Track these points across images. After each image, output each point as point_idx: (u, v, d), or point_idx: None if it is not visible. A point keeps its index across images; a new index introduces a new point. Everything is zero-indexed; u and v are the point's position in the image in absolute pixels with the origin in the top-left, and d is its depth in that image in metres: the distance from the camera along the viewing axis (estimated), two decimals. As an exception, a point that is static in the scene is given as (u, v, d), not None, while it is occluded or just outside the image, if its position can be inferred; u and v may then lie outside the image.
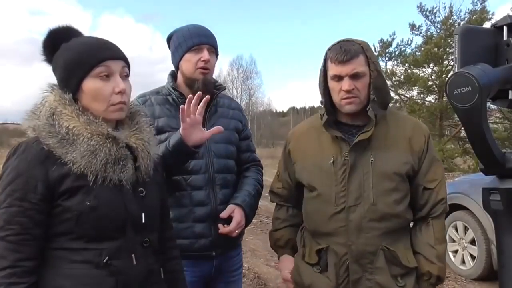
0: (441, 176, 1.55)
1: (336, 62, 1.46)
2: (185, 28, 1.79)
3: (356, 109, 1.50)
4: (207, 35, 1.77)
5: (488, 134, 0.77)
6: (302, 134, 1.67)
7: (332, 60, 1.48)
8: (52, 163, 1.10)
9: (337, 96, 1.50)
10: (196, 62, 1.72)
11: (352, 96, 1.47)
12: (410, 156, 1.51)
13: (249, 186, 1.82)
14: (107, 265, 1.12)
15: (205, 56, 1.71)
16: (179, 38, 1.76)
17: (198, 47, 1.72)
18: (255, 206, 1.82)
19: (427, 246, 1.51)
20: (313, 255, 1.56)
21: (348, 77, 1.45)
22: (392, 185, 1.49)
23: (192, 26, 1.80)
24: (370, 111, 1.47)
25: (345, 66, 1.45)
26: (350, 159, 1.49)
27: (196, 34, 1.74)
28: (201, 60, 1.71)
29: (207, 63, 1.72)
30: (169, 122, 1.71)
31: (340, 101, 1.49)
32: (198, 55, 1.72)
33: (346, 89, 1.45)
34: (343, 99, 1.48)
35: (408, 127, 1.56)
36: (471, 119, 0.76)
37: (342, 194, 1.50)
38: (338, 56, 1.45)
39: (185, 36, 1.74)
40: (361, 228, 1.47)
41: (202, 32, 1.77)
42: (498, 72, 0.82)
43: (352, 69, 1.45)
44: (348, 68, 1.45)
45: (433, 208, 1.53)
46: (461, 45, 0.83)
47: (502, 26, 0.87)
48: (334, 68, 1.47)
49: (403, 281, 1.49)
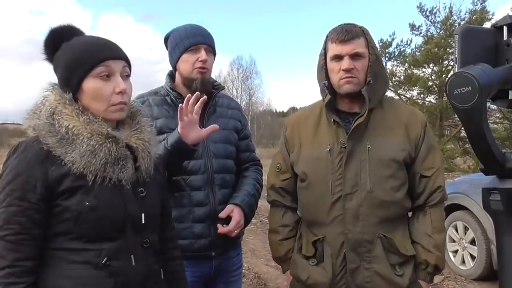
0: (438, 164, 1.54)
1: (337, 41, 1.47)
2: (182, 28, 1.78)
3: (354, 89, 1.48)
4: (204, 34, 1.77)
5: (488, 134, 0.77)
6: (299, 122, 1.65)
7: (333, 40, 1.49)
8: (51, 163, 1.09)
9: (336, 76, 1.49)
10: (194, 62, 1.72)
11: (351, 75, 1.47)
12: (407, 143, 1.51)
13: (248, 186, 1.81)
14: (106, 266, 1.11)
15: (203, 56, 1.71)
16: (176, 38, 1.76)
17: (195, 47, 1.72)
18: (254, 206, 1.81)
19: (425, 235, 1.50)
20: (309, 247, 1.55)
21: (348, 57, 1.46)
22: (389, 172, 1.48)
23: (188, 25, 1.79)
24: (364, 91, 1.47)
25: (346, 45, 1.46)
26: (348, 146, 1.49)
27: (193, 34, 1.74)
28: (199, 60, 1.71)
29: (204, 63, 1.71)
30: (168, 123, 1.71)
31: (339, 81, 1.49)
32: (195, 55, 1.72)
33: (345, 67, 1.46)
34: (342, 78, 1.47)
35: (405, 114, 1.56)
36: (471, 119, 0.76)
37: (339, 182, 1.49)
38: (340, 36, 1.46)
39: (182, 36, 1.74)
40: (357, 216, 1.47)
41: (199, 32, 1.76)
42: (498, 72, 0.82)
43: (352, 49, 1.46)
44: (348, 47, 1.46)
45: (430, 196, 1.52)
46: (461, 45, 0.83)
47: (502, 26, 0.87)
48: (334, 48, 1.48)
49: (401, 270, 1.49)
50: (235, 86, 43.20)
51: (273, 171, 1.70)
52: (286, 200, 1.67)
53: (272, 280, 4.23)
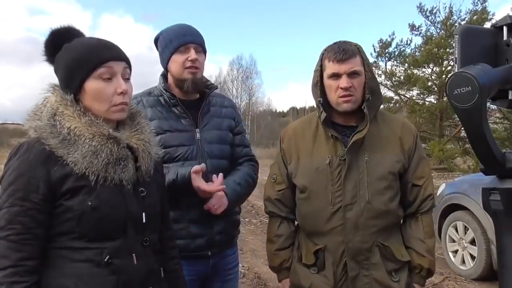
0: (428, 174, 1.62)
1: (335, 60, 1.50)
2: (170, 29, 1.77)
3: (352, 107, 1.53)
4: (193, 33, 1.75)
5: (488, 134, 0.77)
6: (296, 134, 1.67)
7: (330, 59, 1.52)
8: (53, 163, 1.10)
9: (334, 95, 1.53)
10: (183, 62, 1.70)
11: (349, 94, 1.50)
12: (401, 155, 1.57)
13: (236, 176, 1.78)
14: (108, 264, 1.12)
15: (192, 55, 1.70)
16: (165, 39, 1.75)
17: (184, 47, 1.71)
18: (240, 192, 1.75)
19: (418, 241, 1.58)
20: (310, 256, 1.58)
21: (346, 75, 1.50)
22: (386, 183, 1.54)
23: (176, 26, 1.78)
24: (365, 109, 1.51)
25: (343, 64, 1.49)
26: (347, 158, 1.52)
27: (182, 34, 1.73)
28: (188, 60, 1.70)
29: (194, 62, 1.70)
30: (161, 125, 1.70)
31: (337, 99, 1.52)
32: (184, 55, 1.70)
33: (344, 86, 1.49)
34: (341, 97, 1.51)
35: (398, 127, 1.62)
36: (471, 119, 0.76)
37: (338, 194, 1.53)
38: (337, 55, 1.50)
39: (171, 37, 1.73)
40: (357, 225, 1.52)
41: (188, 31, 1.75)
42: (498, 72, 0.82)
43: (350, 67, 1.50)
44: (346, 66, 1.49)
45: (422, 203, 1.59)
46: (461, 45, 0.83)
47: (502, 26, 0.87)
48: (332, 66, 1.51)
49: (397, 276, 1.55)
50: (235, 86, 43.27)
51: (269, 182, 1.73)
52: (282, 211, 1.70)
53: (272, 280, 4.23)
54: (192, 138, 1.73)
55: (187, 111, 1.75)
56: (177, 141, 1.70)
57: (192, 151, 1.71)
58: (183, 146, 1.70)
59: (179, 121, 1.74)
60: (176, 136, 1.71)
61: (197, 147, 1.71)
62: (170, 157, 1.68)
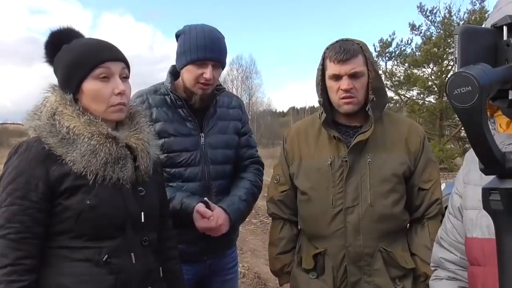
0: (436, 177, 1.54)
1: (336, 61, 1.45)
2: (194, 32, 1.64)
3: (354, 109, 1.49)
4: (214, 48, 1.63)
5: (488, 134, 0.77)
6: (299, 134, 1.64)
7: (331, 59, 1.47)
8: (52, 163, 1.10)
9: (335, 96, 1.49)
10: (197, 76, 1.63)
11: (350, 95, 1.46)
12: (406, 157, 1.51)
13: (241, 190, 1.73)
14: (107, 263, 1.12)
15: (208, 74, 1.61)
16: (185, 43, 1.63)
17: (202, 61, 1.61)
18: (244, 211, 1.73)
19: (423, 248, 1.49)
20: (309, 260, 1.54)
21: (347, 76, 1.45)
22: (389, 186, 1.48)
23: (201, 32, 1.63)
24: (370, 111, 1.47)
25: (344, 65, 1.44)
26: (348, 160, 1.48)
27: (202, 46, 1.60)
28: (203, 76, 1.62)
29: (208, 80, 1.63)
30: (166, 128, 1.66)
31: (338, 101, 1.48)
32: (200, 69, 1.62)
33: (344, 88, 1.45)
34: (341, 98, 1.47)
35: (404, 128, 1.55)
36: (471, 119, 0.76)
37: (340, 196, 1.48)
38: (338, 56, 1.44)
39: (191, 45, 1.61)
40: (358, 229, 1.47)
41: (209, 45, 1.61)
42: (498, 72, 0.81)
43: (351, 69, 1.44)
44: (347, 67, 1.44)
45: (428, 208, 1.52)
46: (461, 45, 0.83)
47: (502, 26, 0.87)
48: (333, 67, 1.47)
49: (401, 283, 1.48)
50: (235, 86, 43.22)
51: (272, 184, 1.70)
52: (285, 213, 1.66)
53: (272, 280, 4.23)
54: (196, 143, 1.68)
55: (192, 114, 1.70)
56: (181, 146, 1.66)
57: (195, 157, 1.67)
58: (186, 151, 1.66)
59: (184, 124, 1.69)
60: (180, 141, 1.66)
61: (201, 152, 1.68)
62: (173, 162, 1.65)
